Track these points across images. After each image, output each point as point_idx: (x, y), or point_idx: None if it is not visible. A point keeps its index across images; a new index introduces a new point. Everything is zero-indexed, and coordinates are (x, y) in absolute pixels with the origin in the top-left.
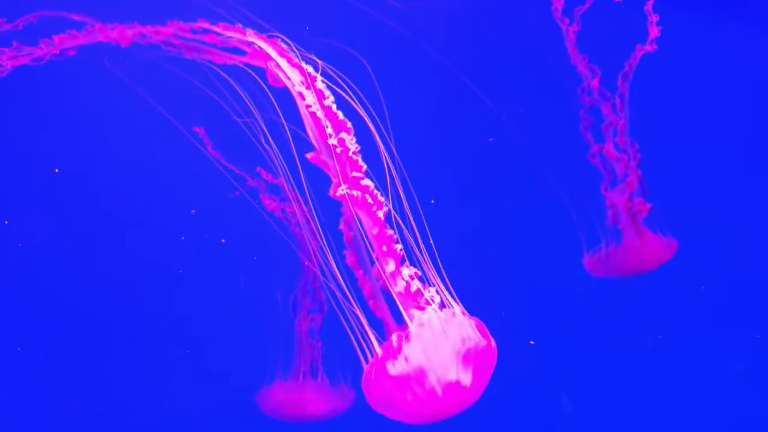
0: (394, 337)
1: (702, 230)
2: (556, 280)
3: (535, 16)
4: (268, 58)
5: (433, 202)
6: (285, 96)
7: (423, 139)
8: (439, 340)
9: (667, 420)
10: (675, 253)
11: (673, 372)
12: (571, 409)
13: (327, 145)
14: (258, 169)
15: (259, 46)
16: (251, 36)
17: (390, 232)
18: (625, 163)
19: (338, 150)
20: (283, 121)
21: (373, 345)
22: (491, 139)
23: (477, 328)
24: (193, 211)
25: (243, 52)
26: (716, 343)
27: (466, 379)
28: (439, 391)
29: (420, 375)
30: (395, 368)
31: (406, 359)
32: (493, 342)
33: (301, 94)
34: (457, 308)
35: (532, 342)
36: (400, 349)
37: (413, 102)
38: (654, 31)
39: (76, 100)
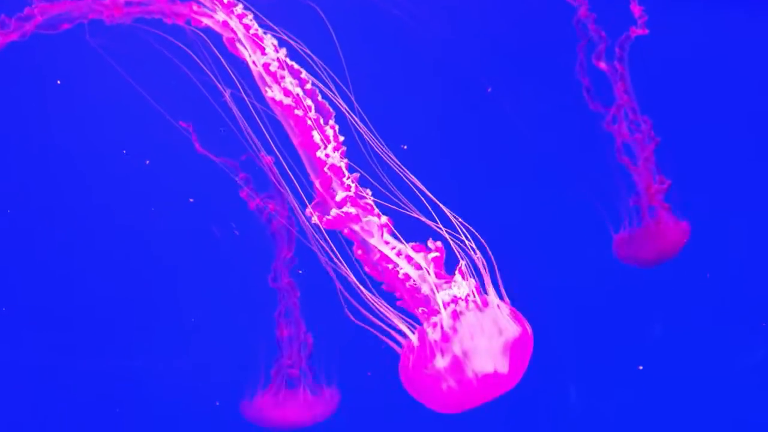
0: (429, 330)
1: (710, 217)
2: (559, 274)
3: None
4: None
5: (405, 147)
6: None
7: (421, 127)
8: (475, 332)
9: (674, 419)
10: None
11: (682, 367)
12: (577, 401)
13: (314, 157)
14: (261, 154)
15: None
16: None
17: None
18: (640, 144)
19: (326, 168)
20: (252, 113)
21: (404, 333)
22: (489, 89)
23: (512, 315)
24: (191, 200)
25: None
26: (732, 334)
27: (503, 369)
28: (475, 382)
29: (457, 368)
30: (432, 360)
31: (442, 351)
32: (528, 329)
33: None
34: (492, 298)
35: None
36: (434, 341)
37: (413, 90)
38: (637, 10)
39: (58, 76)
